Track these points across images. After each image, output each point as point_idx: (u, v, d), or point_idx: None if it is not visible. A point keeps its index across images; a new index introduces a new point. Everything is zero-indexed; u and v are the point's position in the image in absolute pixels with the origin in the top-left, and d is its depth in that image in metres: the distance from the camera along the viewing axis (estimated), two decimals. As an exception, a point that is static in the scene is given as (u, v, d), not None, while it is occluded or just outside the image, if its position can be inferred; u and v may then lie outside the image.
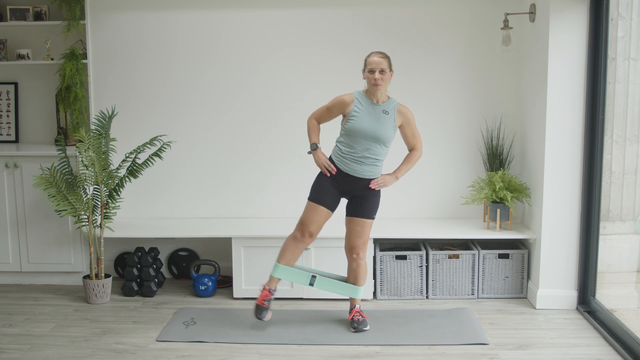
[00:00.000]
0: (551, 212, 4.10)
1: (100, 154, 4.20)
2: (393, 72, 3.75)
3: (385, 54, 3.69)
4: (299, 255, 3.86)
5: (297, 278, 3.86)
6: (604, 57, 3.87)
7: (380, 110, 3.68)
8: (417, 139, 3.82)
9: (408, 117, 3.76)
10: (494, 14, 4.52)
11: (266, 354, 3.56)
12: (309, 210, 3.78)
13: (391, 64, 3.70)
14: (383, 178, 3.77)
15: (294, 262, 3.85)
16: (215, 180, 4.80)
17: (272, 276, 3.84)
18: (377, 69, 3.63)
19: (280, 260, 3.82)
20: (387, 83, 3.68)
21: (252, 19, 4.64)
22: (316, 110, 3.85)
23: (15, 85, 4.92)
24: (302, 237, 3.79)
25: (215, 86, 4.71)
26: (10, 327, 3.95)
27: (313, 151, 3.82)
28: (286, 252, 3.82)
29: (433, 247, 4.55)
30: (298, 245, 3.81)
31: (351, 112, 3.68)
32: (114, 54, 4.71)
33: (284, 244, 3.85)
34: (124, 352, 3.59)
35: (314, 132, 3.84)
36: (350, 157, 3.70)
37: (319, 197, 3.76)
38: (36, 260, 4.62)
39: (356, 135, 3.67)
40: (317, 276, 3.87)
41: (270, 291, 3.83)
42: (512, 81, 4.61)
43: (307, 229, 3.77)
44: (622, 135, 4.32)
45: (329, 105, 3.78)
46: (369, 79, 3.66)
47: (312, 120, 3.86)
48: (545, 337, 3.76)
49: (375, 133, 3.65)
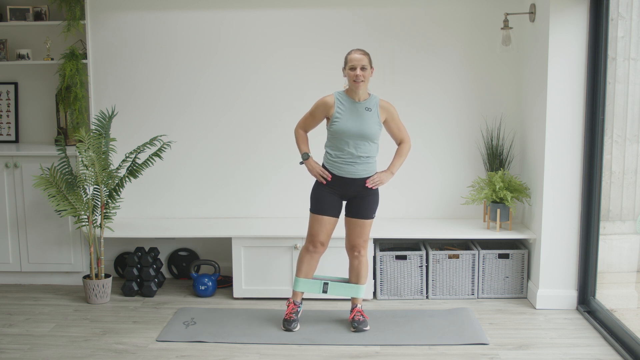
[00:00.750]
0: (551, 212, 4.10)
1: (100, 154, 4.20)
2: (374, 69, 3.77)
3: (365, 51, 3.70)
4: (316, 265, 3.90)
5: (314, 288, 3.92)
6: (604, 57, 3.87)
7: (363, 107, 3.69)
8: (403, 131, 3.83)
9: (391, 112, 3.76)
10: (494, 14, 4.52)
11: (266, 354, 3.56)
12: (314, 222, 3.80)
13: (371, 61, 3.71)
14: (379, 176, 3.78)
15: (312, 273, 3.91)
16: (216, 180, 4.81)
17: (294, 291, 3.91)
18: (358, 65, 3.63)
19: (299, 274, 3.88)
20: (368, 80, 3.69)
21: (252, 19, 4.64)
22: (300, 120, 3.87)
23: (15, 85, 4.92)
24: (315, 247, 3.82)
25: (215, 86, 4.71)
26: (10, 327, 3.95)
27: (305, 161, 3.83)
28: (302, 265, 3.87)
29: (433, 247, 4.55)
30: (313, 257, 3.85)
31: (334, 114, 3.69)
32: (114, 54, 4.71)
33: (299, 258, 3.90)
34: (124, 352, 3.59)
35: (302, 142, 3.85)
36: (341, 160, 3.71)
37: (320, 208, 3.77)
38: (36, 260, 4.62)
39: (342, 137, 3.67)
40: (329, 283, 3.92)
41: (295, 304, 3.90)
42: (512, 81, 4.61)
43: (317, 239, 3.80)
44: (622, 135, 4.32)
45: (312, 109, 3.79)
46: (350, 76, 3.66)
47: (298, 131, 3.86)
48: (545, 337, 3.76)
49: (361, 131, 3.66)
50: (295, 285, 3.90)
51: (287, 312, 3.89)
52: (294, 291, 3.92)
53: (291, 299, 3.92)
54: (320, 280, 3.93)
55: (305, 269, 3.87)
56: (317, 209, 3.79)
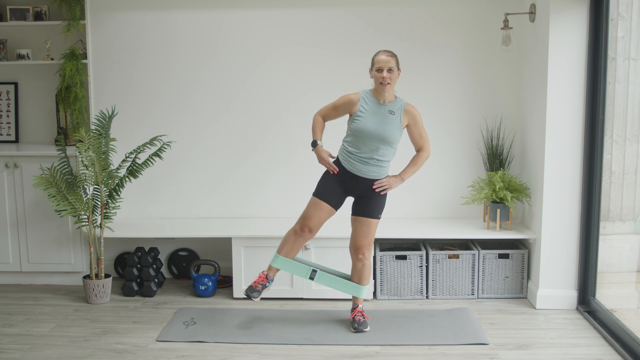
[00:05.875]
0: (551, 212, 4.10)
1: (100, 154, 4.20)
2: (401, 71, 3.74)
3: (392, 53, 3.68)
4: (299, 249, 3.85)
5: (297, 270, 3.85)
6: (604, 57, 3.87)
7: (387, 110, 3.67)
8: (425, 139, 3.79)
9: (415, 117, 3.73)
10: (494, 14, 4.52)
11: (266, 354, 3.56)
12: (311, 205, 3.77)
13: (399, 63, 3.69)
14: (388, 180, 3.76)
15: (293, 256, 3.85)
16: (215, 180, 4.80)
17: (270, 265, 3.85)
18: (385, 67, 3.61)
19: (280, 251, 3.83)
20: (395, 82, 3.67)
21: (252, 19, 4.64)
22: (323, 108, 3.85)
23: (15, 85, 4.92)
24: (302, 231, 3.77)
25: (215, 86, 4.71)
26: (10, 327, 3.95)
27: (314, 148, 3.82)
28: (286, 244, 3.82)
29: (433, 247, 4.55)
30: (297, 240, 3.80)
31: (357, 112, 3.67)
32: (114, 54, 4.71)
33: (284, 237, 3.85)
34: (124, 352, 3.59)
35: (318, 128, 3.83)
36: (355, 157, 3.69)
37: (323, 194, 3.76)
38: (36, 260, 4.62)
39: (361, 136, 3.66)
40: (317, 270, 3.86)
41: (267, 278, 3.83)
42: (512, 81, 4.61)
43: (307, 223, 3.76)
44: (622, 135, 4.32)
45: (336, 103, 3.77)
46: (377, 77, 3.63)
47: (317, 117, 3.84)
48: (545, 337, 3.76)
49: (381, 134, 3.64)
50: (273, 260, 3.82)
51: (257, 281, 3.81)
52: (270, 266, 3.84)
53: (265, 271, 3.85)
54: (309, 267, 3.87)
55: (288, 249, 3.80)
56: (319, 193, 3.76)
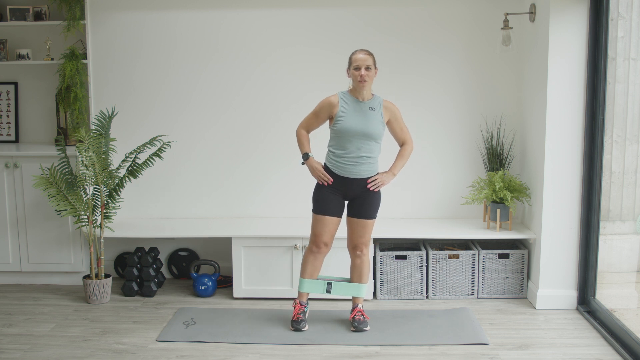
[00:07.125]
0: (551, 212, 4.10)
1: (100, 154, 4.20)
2: (377, 69, 3.79)
3: (369, 52, 3.72)
4: (320, 266, 3.90)
5: (318, 288, 3.92)
6: (604, 57, 3.87)
7: (367, 107, 3.71)
8: (406, 133, 3.85)
9: (395, 113, 3.78)
10: (494, 14, 4.52)
11: (266, 354, 3.56)
12: (317, 223, 3.80)
13: (376, 62, 3.72)
14: (380, 177, 3.78)
15: (317, 274, 3.91)
16: (215, 180, 4.80)
17: (299, 292, 3.91)
18: (362, 65, 3.64)
19: (303, 274, 3.88)
20: (372, 80, 3.70)
21: (252, 19, 4.64)
22: (303, 120, 3.87)
23: (15, 85, 4.92)
24: (318, 248, 3.82)
25: (215, 86, 4.71)
26: (10, 327, 3.95)
27: (306, 161, 3.83)
28: (307, 266, 3.87)
29: (433, 247, 4.55)
30: (317, 257, 3.85)
31: (338, 113, 3.70)
32: (113, 54, 4.71)
33: (303, 259, 3.90)
34: (124, 352, 3.59)
35: (304, 141, 3.85)
36: (344, 160, 3.71)
37: (322, 208, 3.77)
38: (36, 260, 4.62)
39: (347, 135, 3.68)
40: (332, 283, 3.92)
41: (301, 304, 3.89)
42: (512, 81, 4.61)
43: (320, 240, 3.80)
44: (622, 135, 4.32)
45: (315, 109, 3.79)
46: (355, 76, 3.67)
47: (300, 131, 3.86)
48: (545, 337, 3.76)
49: (365, 130, 3.66)
50: (300, 286, 3.90)
51: (295, 313, 3.88)
52: (299, 292, 3.91)
53: (297, 300, 3.92)
54: (324, 281, 3.93)
55: (310, 269, 3.87)
56: (319, 210, 3.78)
